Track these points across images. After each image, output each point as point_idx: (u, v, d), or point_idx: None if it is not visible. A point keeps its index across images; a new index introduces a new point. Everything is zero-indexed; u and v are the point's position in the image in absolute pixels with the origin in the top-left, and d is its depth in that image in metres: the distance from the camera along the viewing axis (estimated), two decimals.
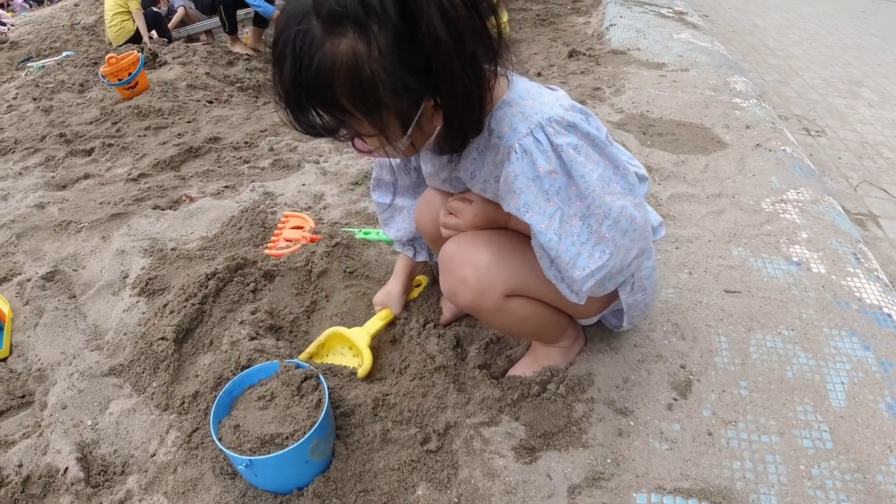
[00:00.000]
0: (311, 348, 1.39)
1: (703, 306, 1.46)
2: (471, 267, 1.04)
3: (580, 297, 1.00)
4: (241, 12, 5.53)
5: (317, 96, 0.80)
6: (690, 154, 2.37)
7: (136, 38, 5.39)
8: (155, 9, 5.95)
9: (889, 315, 1.42)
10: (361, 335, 1.38)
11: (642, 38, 4.23)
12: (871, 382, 1.23)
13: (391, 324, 1.45)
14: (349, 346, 1.41)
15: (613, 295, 1.14)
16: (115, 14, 5.34)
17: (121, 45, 5.23)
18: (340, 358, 1.41)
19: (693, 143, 2.49)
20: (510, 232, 1.10)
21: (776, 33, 5.84)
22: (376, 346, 1.41)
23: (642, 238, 0.98)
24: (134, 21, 5.38)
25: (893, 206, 2.53)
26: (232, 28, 5.41)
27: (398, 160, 1.32)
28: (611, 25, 4.60)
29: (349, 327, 1.41)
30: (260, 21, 5.35)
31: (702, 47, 4.04)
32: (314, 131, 0.85)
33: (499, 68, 0.87)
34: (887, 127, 3.44)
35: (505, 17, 0.92)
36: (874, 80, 4.34)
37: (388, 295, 1.45)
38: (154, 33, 5.72)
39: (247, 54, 5.04)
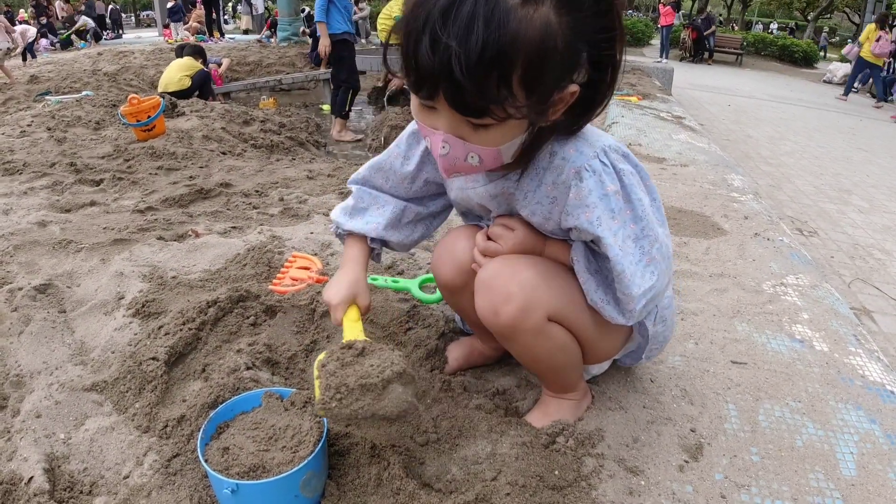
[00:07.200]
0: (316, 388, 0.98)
1: (711, 375, 1.45)
2: (517, 284, 1.02)
3: (630, 318, 1.02)
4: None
5: (498, 66, 0.74)
6: (692, 237, 2.42)
7: (183, 94, 5.73)
8: (205, 69, 6.41)
9: (892, 392, 1.43)
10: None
11: (643, 136, 4.44)
12: (880, 453, 1.22)
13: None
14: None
15: (627, 338, 1.18)
16: (182, 70, 5.99)
17: (168, 93, 5.56)
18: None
19: (694, 228, 2.55)
20: (549, 259, 1.10)
21: (768, 143, 6.17)
22: None
23: (671, 268, 1.04)
24: (191, 79, 5.99)
25: (886, 303, 2.57)
26: (347, 113, 5.74)
27: (408, 168, 1.21)
28: (613, 123, 4.84)
29: None
30: (346, 114, 5.70)
31: (700, 147, 4.23)
32: (478, 106, 0.79)
33: None
34: (877, 231, 3.56)
35: None
36: (863, 189, 4.54)
37: (355, 284, 1.16)
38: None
39: (356, 140, 5.49)
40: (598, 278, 1.04)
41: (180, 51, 6.78)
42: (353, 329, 1.09)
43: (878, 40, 11.61)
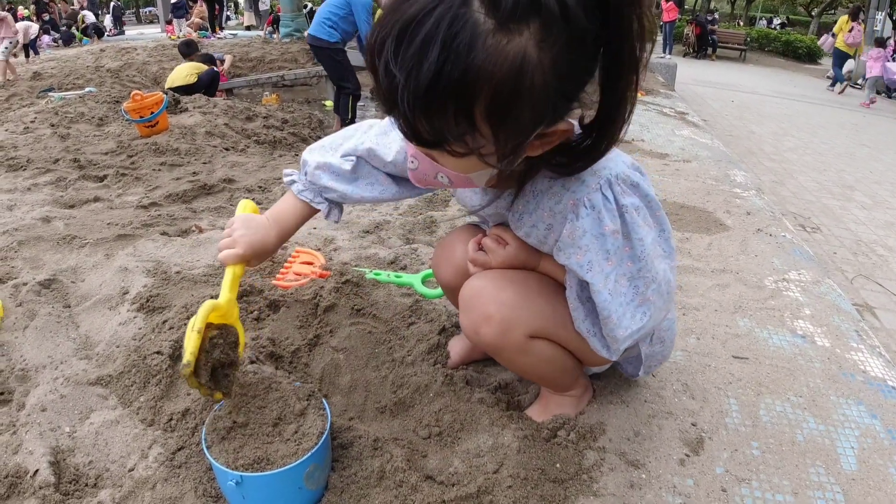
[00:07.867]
0: (193, 344, 0.99)
1: (712, 369, 1.45)
2: (496, 304, 1.01)
3: (613, 354, 1.00)
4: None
5: (454, 99, 0.64)
6: (694, 233, 2.42)
7: (189, 90, 5.79)
8: (214, 68, 6.51)
9: (894, 387, 1.44)
10: (232, 310, 1.11)
11: (646, 132, 4.44)
12: (881, 448, 1.23)
13: None
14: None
15: None
16: (191, 69, 6.12)
17: (173, 89, 5.67)
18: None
19: (696, 223, 2.55)
20: (538, 274, 1.08)
21: (772, 139, 6.15)
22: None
23: (672, 300, 1.00)
24: (197, 77, 6.10)
25: (888, 299, 2.57)
26: (351, 120, 5.75)
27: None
28: None
29: (350, 366, 1.37)
30: (350, 121, 5.71)
31: (702, 143, 4.23)
32: (433, 139, 0.69)
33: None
34: (880, 227, 3.56)
35: None
36: (867, 185, 4.54)
37: (265, 245, 1.13)
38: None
39: None
40: (589, 307, 1.00)
41: (184, 47, 6.80)
42: (232, 286, 1.12)
43: (850, 31, 12.16)
